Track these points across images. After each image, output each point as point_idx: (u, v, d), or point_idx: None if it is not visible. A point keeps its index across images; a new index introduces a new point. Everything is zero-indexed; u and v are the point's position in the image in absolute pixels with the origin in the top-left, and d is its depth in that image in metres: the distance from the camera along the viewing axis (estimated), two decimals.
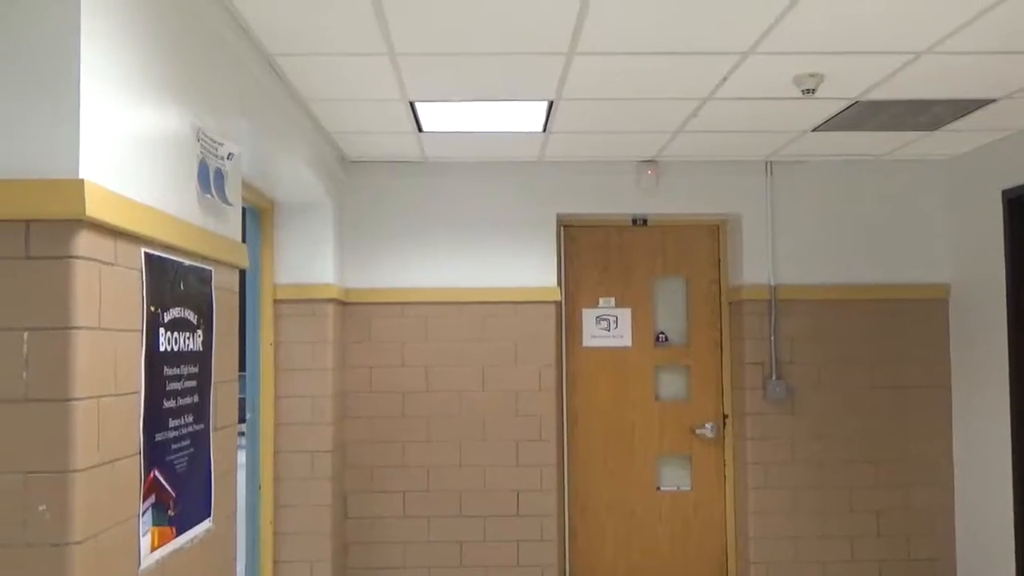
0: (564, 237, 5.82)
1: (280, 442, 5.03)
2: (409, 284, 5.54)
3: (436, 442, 5.51)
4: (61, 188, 1.96)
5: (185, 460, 2.66)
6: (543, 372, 5.56)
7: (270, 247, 5.00)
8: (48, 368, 1.96)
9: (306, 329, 5.05)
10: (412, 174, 5.56)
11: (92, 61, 2.05)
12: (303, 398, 5.05)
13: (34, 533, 1.95)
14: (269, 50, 3.46)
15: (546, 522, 5.50)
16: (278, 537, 5.02)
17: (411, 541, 5.48)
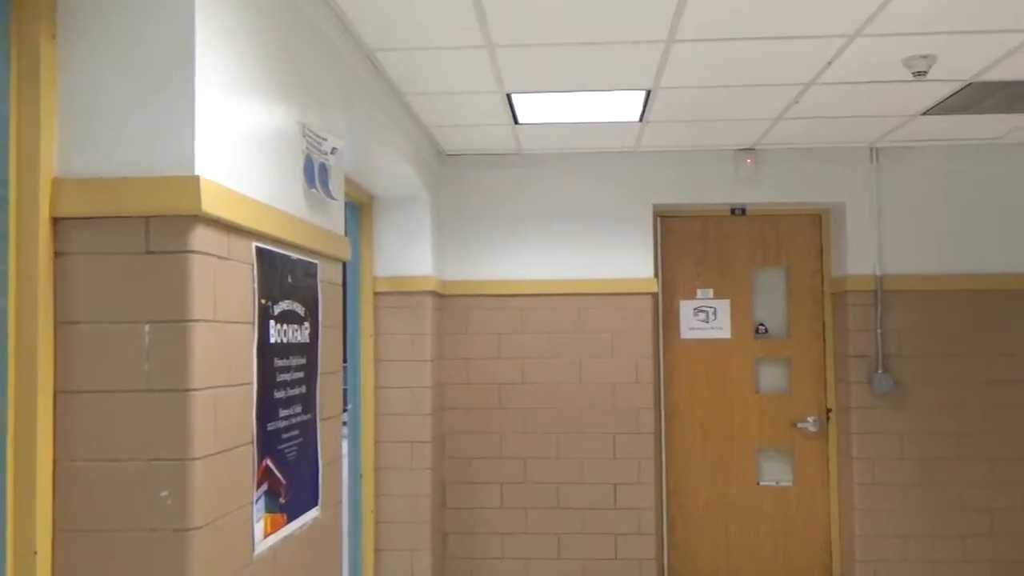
0: (660, 228, 5.75)
1: (380, 432, 5.11)
2: (505, 276, 5.56)
3: (533, 434, 5.52)
4: (178, 185, 2.03)
5: (294, 449, 2.72)
6: (640, 364, 5.51)
7: (369, 240, 5.08)
8: (168, 359, 2.03)
9: (405, 321, 5.11)
10: (507, 166, 5.58)
11: (206, 61, 2.11)
12: (402, 389, 5.12)
13: (157, 518, 2.02)
14: (370, 45, 3.51)
15: (644, 515, 5.45)
16: (379, 526, 5.11)
17: (509, 532, 5.51)
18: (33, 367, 1.99)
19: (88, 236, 2.05)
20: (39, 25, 2.01)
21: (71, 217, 2.04)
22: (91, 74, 2.07)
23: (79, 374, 2.04)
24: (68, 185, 2.04)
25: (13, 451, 1.98)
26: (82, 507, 2.04)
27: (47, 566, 2.01)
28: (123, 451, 2.03)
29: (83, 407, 2.04)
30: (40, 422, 1.99)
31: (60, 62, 2.06)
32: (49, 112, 2.03)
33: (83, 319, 2.04)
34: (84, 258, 2.05)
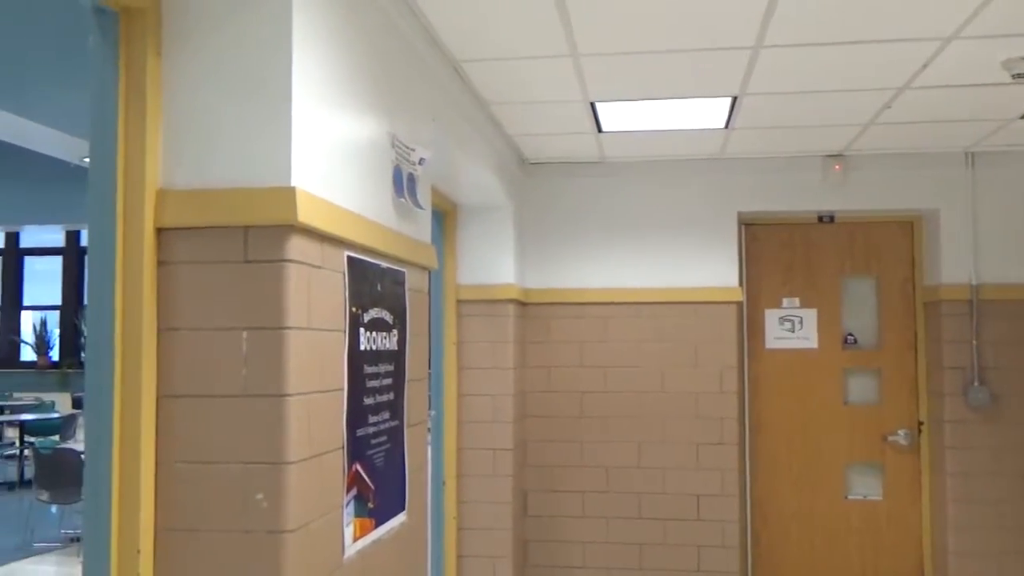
0: (745, 236, 5.67)
1: (463, 439, 5.15)
2: (587, 285, 5.55)
3: (615, 443, 5.50)
4: (275, 196, 2.08)
5: (382, 455, 2.76)
6: (724, 374, 5.44)
7: (452, 249, 5.13)
8: (264, 365, 2.08)
9: (487, 329, 5.15)
10: (590, 174, 5.57)
11: (302, 76, 2.16)
12: (484, 396, 5.15)
13: (252, 520, 2.07)
14: (456, 56, 3.55)
15: (728, 528, 5.37)
16: (461, 532, 5.14)
17: (590, 541, 5.49)
18: (138, 372, 2.06)
19: (189, 246, 2.11)
20: (145, 42, 2.09)
21: (174, 228, 2.11)
22: (193, 89, 2.14)
23: (180, 379, 2.11)
24: (171, 197, 2.11)
25: (119, 453, 2.06)
26: (182, 507, 2.10)
27: (149, 564, 2.08)
28: (221, 454, 2.09)
29: (184, 411, 2.11)
30: (144, 425, 2.07)
31: (164, 78, 2.14)
32: (154, 126, 2.11)
33: (184, 326, 2.11)
34: (186, 267, 2.12)
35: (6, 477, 10.08)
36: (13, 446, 10.14)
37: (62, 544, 7.20)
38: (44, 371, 15.58)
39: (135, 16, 2.09)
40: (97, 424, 2.06)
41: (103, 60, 2.07)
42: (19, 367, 15.89)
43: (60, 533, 7.46)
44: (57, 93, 7.39)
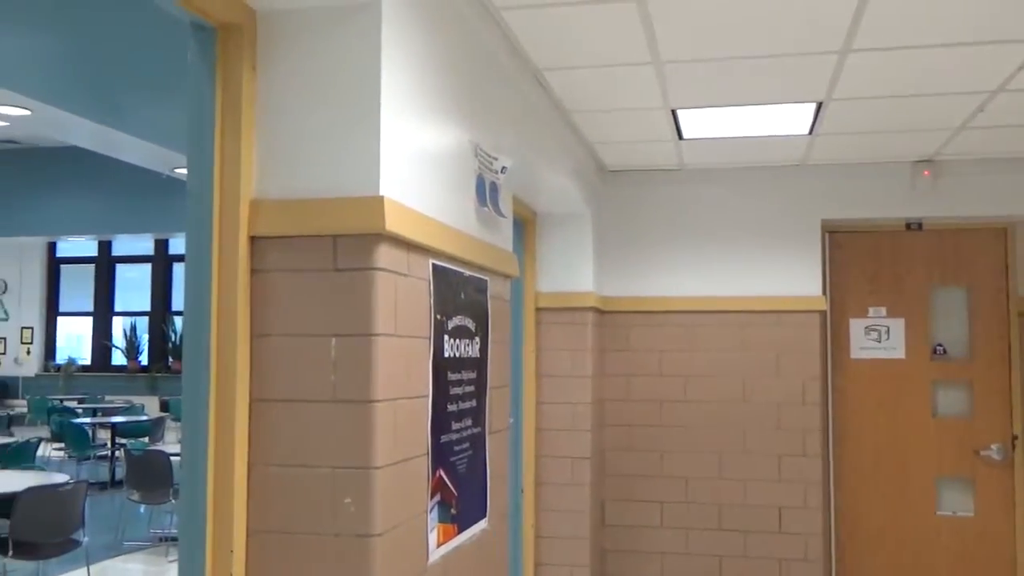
0: (829, 243, 5.55)
1: (541, 447, 5.16)
2: (667, 293, 5.51)
3: (694, 453, 5.44)
4: (364, 205, 2.12)
5: (465, 461, 2.78)
6: (807, 384, 5.33)
7: (532, 256, 5.15)
8: (353, 372, 2.12)
9: (566, 337, 5.15)
10: (669, 182, 5.53)
11: (390, 87, 2.20)
12: (563, 404, 5.15)
13: (341, 524, 2.11)
14: (537, 65, 3.57)
15: (811, 541, 5.26)
16: (539, 540, 5.14)
17: (669, 552, 5.43)
18: (232, 377, 2.12)
19: (281, 254, 2.17)
20: (241, 58, 2.16)
21: (267, 236, 2.17)
22: (286, 102, 2.20)
23: (272, 384, 2.16)
24: (264, 206, 2.17)
25: (214, 455, 2.12)
26: (273, 510, 2.15)
27: (241, 564, 2.14)
28: (311, 458, 2.14)
29: (275, 415, 2.16)
30: (237, 429, 2.12)
31: (258, 91, 2.21)
32: (248, 138, 2.17)
33: (276, 332, 2.17)
34: (278, 275, 2.17)
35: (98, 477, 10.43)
36: (105, 447, 10.49)
37: (151, 543, 7.43)
38: (134, 375, 16.11)
39: (231, 32, 2.16)
40: (193, 427, 2.13)
41: (201, 75, 2.14)
42: (110, 371, 16.46)
43: (149, 532, 7.69)
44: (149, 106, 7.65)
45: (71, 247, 16.92)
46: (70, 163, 14.59)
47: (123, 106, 7.39)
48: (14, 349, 16.78)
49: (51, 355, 16.89)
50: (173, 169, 9.02)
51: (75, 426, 10.01)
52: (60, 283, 17.14)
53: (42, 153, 14.94)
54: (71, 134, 8.17)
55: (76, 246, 16.81)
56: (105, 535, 7.62)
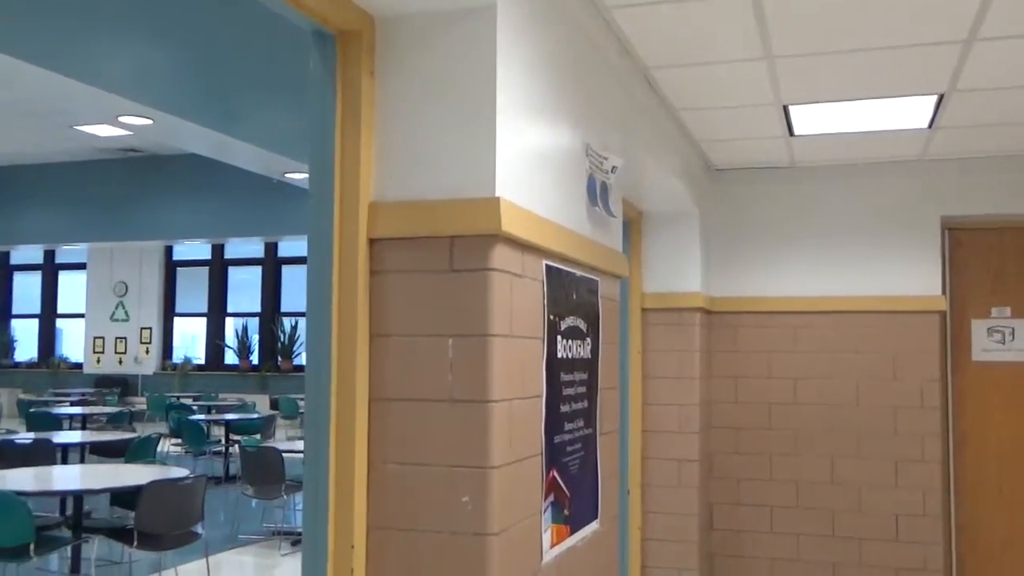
0: (949, 241, 5.34)
1: (647, 449, 5.11)
2: (776, 293, 5.39)
3: (805, 457, 5.30)
4: (481, 207, 2.14)
5: (577, 462, 2.78)
6: (925, 388, 5.14)
7: (638, 257, 5.11)
8: (470, 371, 2.14)
9: (673, 337, 5.09)
10: (779, 180, 5.41)
11: (505, 90, 2.22)
12: (670, 406, 5.09)
13: (458, 522, 2.13)
14: (646, 64, 3.54)
15: (931, 551, 5.07)
16: (646, 543, 5.10)
17: (779, 558, 5.31)
18: (352, 376, 2.17)
19: (399, 255, 2.21)
20: (360, 63, 2.20)
21: (385, 238, 2.21)
22: (403, 106, 2.23)
23: (391, 384, 2.20)
24: (383, 209, 2.21)
25: (335, 453, 2.17)
26: (392, 507, 2.19)
27: (362, 559, 2.18)
28: (428, 457, 2.16)
29: (394, 414, 2.19)
30: (357, 427, 2.17)
31: (377, 96, 2.25)
32: (367, 142, 2.22)
33: (394, 332, 2.20)
34: (396, 276, 2.21)
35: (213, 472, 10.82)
36: (219, 443, 10.86)
37: (264, 537, 7.66)
38: (245, 374, 16.66)
39: (351, 38, 2.21)
40: (315, 425, 2.18)
41: (322, 81, 2.20)
42: (223, 370, 17.07)
43: (262, 526, 7.93)
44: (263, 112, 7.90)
45: (186, 250, 17.61)
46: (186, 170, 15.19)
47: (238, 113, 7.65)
48: (134, 348, 17.56)
49: (168, 354, 17.61)
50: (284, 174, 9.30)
51: (192, 423, 10.40)
52: (176, 285, 17.85)
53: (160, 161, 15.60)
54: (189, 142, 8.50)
55: (191, 249, 17.49)
56: (221, 528, 7.90)
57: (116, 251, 17.47)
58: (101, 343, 17.80)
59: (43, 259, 18.78)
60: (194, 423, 10.39)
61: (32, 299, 18.95)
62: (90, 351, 17.90)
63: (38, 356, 18.53)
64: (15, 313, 19.11)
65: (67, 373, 17.87)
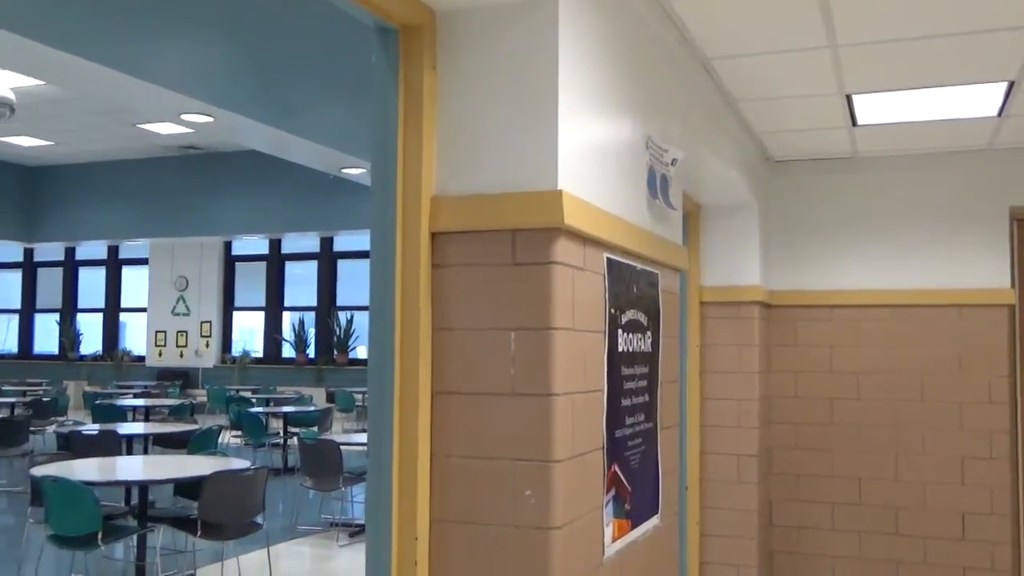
0: (1019, 232, 5.19)
1: (706, 444, 5.06)
2: (837, 286, 5.30)
3: (868, 453, 5.21)
4: (543, 200, 2.13)
5: (638, 457, 2.76)
6: (993, 383, 5.01)
7: (696, 250, 5.06)
8: (532, 365, 2.14)
9: (732, 331, 5.03)
10: (840, 171, 5.31)
11: (567, 83, 2.20)
12: (728, 401, 5.03)
13: (521, 515, 2.13)
14: (706, 54, 3.49)
15: (999, 551, 4.94)
16: (704, 539, 5.05)
17: (841, 556, 5.23)
18: (415, 370, 2.18)
19: (461, 249, 2.21)
20: (421, 58, 2.21)
21: (447, 232, 2.21)
22: (465, 100, 2.24)
23: (453, 377, 2.21)
24: (444, 203, 2.22)
25: (399, 446, 2.18)
26: (454, 500, 2.20)
27: (425, 551, 2.19)
28: (491, 450, 2.17)
29: (456, 407, 2.20)
30: (420, 420, 2.18)
31: (439, 91, 2.25)
32: (429, 137, 2.22)
33: (456, 326, 2.21)
34: (457, 270, 2.21)
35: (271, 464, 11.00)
36: (278, 436, 11.03)
37: (323, 528, 7.76)
38: (302, 367, 16.90)
39: (413, 33, 2.22)
40: (379, 418, 2.20)
41: (384, 76, 2.21)
42: (280, 363, 17.33)
43: (321, 518, 8.03)
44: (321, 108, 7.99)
45: (245, 245, 17.91)
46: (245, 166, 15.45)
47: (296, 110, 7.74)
48: (194, 342, 17.92)
49: (227, 348, 17.93)
50: (340, 169, 9.39)
51: (251, 415, 10.57)
52: (235, 280, 18.17)
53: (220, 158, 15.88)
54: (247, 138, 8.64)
55: (249, 244, 17.78)
56: (280, 519, 8.02)
57: (177, 247, 17.84)
58: (163, 337, 18.20)
59: (107, 255, 19.25)
60: (254, 416, 10.56)
61: (97, 294, 19.45)
62: (152, 344, 18.32)
63: (103, 349, 19.01)
64: (81, 307, 19.62)
65: (130, 366, 18.31)
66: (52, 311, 19.77)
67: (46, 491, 5.05)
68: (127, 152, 16.15)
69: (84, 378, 17.95)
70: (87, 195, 17.06)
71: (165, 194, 16.35)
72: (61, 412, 11.88)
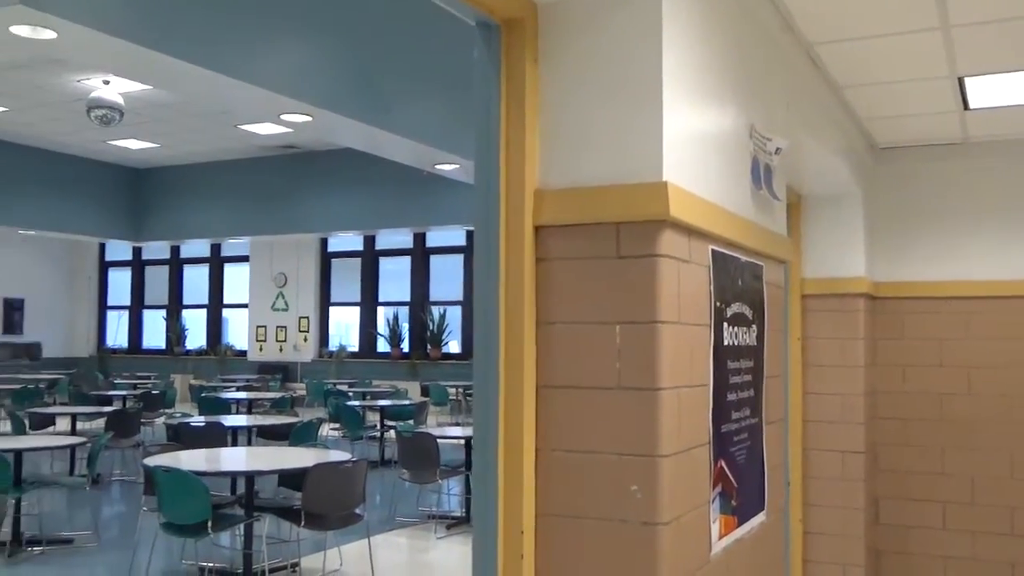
0: None
1: (808, 440, 4.94)
2: (946, 277, 5.10)
3: (981, 451, 5.00)
4: (648, 192, 2.10)
5: (744, 452, 2.71)
6: None
7: (797, 241, 4.93)
8: (638, 359, 2.11)
9: (835, 324, 4.89)
10: (949, 157, 5.11)
11: (671, 73, 2.17)
12: (832, 395, 4.90)
13: (627, 510, 2.11)
14: (810, 40, 3.40)
15: None
16: (807, 536, 4.93)
17: (953, 556, 5.04)
18: (520, 363, 2.18)
19: (565, 243, 2.20)
20: (523, 51, 2.20)
21: (550, 225, 2.21)
22: (567, 92, 2.22)
23: (557, 371, 2.20)
24: (548, 196, 2.21)
25: (504, 440, 2.18)
26: (559, 493, 2.19)
27: (531, 545, 2.19)
28: (596, 444, 2.15)
29: (561, 401, 2.19)
30: (525, 414, 2.18)
31: (541, 84, 2.25)
32: (532, 130, 2.22)
33: (560, 320, 2.20)
34: (561, 263, 2.20)
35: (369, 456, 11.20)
36: (375, 429, 11.22)
37: (420, 520, 7.86)
38: (396, 361, 17.16)
39: (515, 27, 2.21)
40: (484, 411, 2.21)
41: (486, 71, 2.21)
42: (375, 357, 17.63)
43: (418, 510, 8.14)
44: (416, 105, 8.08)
45: (340, 242, 18.27)
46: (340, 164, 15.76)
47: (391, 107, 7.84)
48: (293, 337, 18.38)
49: (324, 342, 18.33)
50: (434, 165, 9.48)
51: (349, 408, 10.78)
52: (331, 276, 18.56)
53: (316, 156, 16.24)
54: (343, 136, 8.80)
55: (344, 241, 18.13)
56: (377, 511, 8.16)
57: (276, 244, 18.32)
58: (263, 331, 18.71)
59: (209, 252, 19.90)
60: (351, 409, 10.77)
61: (200, 291, 20.13)
62: (253, 339, 18.85)
63: (206, 344, 19.66)
64: (186, 304, 20.34)
65: (233, 360, 18.88)
66: (159, 307, 20.54)
67: (159, 481, 5.24)
68: (228, 153, 16.65)
69: (189, 372, 18.60)
70: (190, 195, 17.66)
71: (264, 193, 16.80)
72: (169, 404, 12.34)
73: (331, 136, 9.59)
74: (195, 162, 17.41)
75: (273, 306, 18.60)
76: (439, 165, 9.46)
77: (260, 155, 16.67)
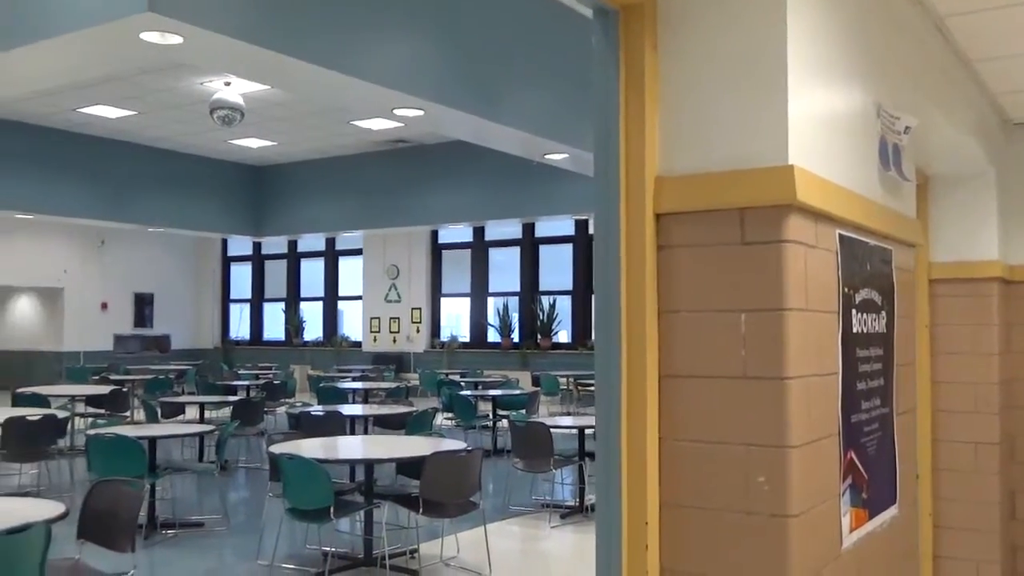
0: None
1: (938, 430, 4.74)
2: None
3: None
4: (774, 176, 2.05)
5: (874, 443, 2.62)
6: None
7: (924, 223, 4.72)
8: (764, 347, 2.06)
9: (966, 310, 4.67)
10: None
11: (796, 54, 2.11)
12: (963, 384, 4.68)
13: (754, 502, 2.07)
14: (939, 12, 3.25)
15: None
16: (937, 531, 4.74)
17: None
18: (642, 352, 2.16)
19: (687, 230, 2.16)
20: (642, 38, 2.18)
21: (672, 212, 2.18)
22: (688, 77, 2.18)
23: (680, 360, 2.17)
24: (669, 183, 2.18)
25: (626, 429, 2.17)
26: (684, 484, 2.16)
27: (655, 536, 2.17)
28: (721, 434, 2.12)
29: (684, 391, 2.16)
30: (648, 404, 2.16)
31: (660, 70, 2.21)
32: (652, 116, 2.19)
33: (683, 308, 2.17)
34: (683, 251, 2.17)
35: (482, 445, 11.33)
36: (487, 418, 11.34)
37: (534, 509, 7.90)
38: (507, 351, 17.29)
39: (633, 12, 2.19)
40: (607, 401, 2.20)
41: (605, 58, 2.20)
42: (486, 347, 17.80)
43: (532, 499, 8.19)
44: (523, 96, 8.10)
45: (450, 234, 18.50)
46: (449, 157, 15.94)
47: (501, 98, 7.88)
48: (406, 328, 18.73)
49: (436, 333, 18.62)
50: (543, 155, 9.48)
51: (462, 398, 10.93)
52: (442, 267, 18.82)
53: (426, 150, 16.48)
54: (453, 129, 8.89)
55: (454, 233, 18.35)
56: (492, 499, 8.24)
57: (388, 237, 18.69)
58: (377, 323, 19.14)
59: (325, 246, 20.45)
60: (464, 398, 10.91)
61: (317, 283, 20.72)
62: (367, 331, 19.30)
63: (323, 335, 20.23)
64: (303, 296, 20.97)
65: (348, 351, 19.38)
66: (278, 300, 21.23)
67: (283, 468, 5.42)
68: (342, 149, 17.07)
69: (307, 362, 19.18)
70: (306, 191, 18.19)
71: (376, 187, 17.16)
72: (290, 394, 12.76)
73: (441, 129, 9.70)
74: (310, 158, 17.92)
75: (386, 298, 19.00)
76: (548, 155, 9.46)
77: (372, 150, 17.03)
